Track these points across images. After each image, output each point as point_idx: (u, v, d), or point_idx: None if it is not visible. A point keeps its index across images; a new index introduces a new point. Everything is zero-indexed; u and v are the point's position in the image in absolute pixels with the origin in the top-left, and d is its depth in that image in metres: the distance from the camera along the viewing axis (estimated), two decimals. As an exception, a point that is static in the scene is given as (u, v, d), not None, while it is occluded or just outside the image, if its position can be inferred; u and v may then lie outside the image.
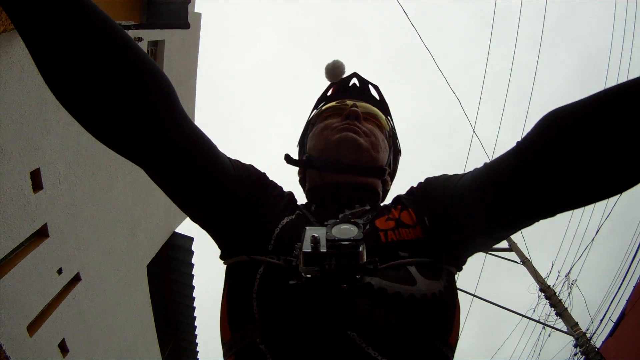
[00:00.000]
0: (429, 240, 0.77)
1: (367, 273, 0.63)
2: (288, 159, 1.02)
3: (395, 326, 0.65)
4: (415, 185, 0.91)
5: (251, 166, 0.92)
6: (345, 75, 1.10)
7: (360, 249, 0.62)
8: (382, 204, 0.95)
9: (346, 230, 0.65)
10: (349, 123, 0.95)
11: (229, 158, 0.86)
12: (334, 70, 1.09)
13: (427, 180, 0.89)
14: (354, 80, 1.11)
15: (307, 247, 0.63)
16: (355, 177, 0.93)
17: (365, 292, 0.66)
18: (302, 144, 1.12)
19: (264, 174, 0.93)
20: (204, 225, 0.87)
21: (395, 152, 1.11)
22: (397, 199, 0.89)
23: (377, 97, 1.11)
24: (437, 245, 0.76)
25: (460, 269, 0.82)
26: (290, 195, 0.93)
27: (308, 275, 0.64)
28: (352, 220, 0.67)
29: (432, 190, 0.84)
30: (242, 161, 0.91)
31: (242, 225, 0.81)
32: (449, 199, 0.78)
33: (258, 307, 0.69)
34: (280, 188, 0.94)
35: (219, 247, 0.87)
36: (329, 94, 1.12)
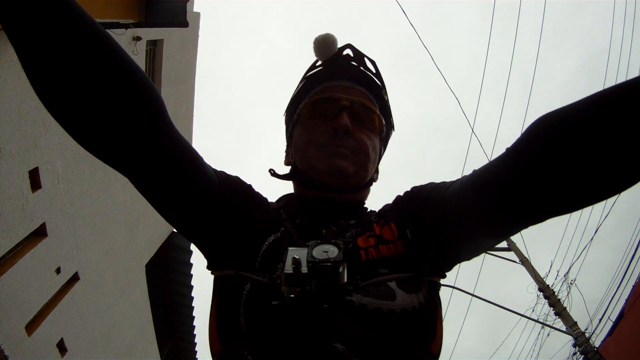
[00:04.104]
0: (410, 254, 0.78)
1: (347, 293, 0.65)
2: (273, 173, 0.98)
3: (377, 340, 0.66)
4: (401, 195, 0.90)
5: (237, 178, 0.91)
6: (338, 47, 0.97)
7: (341, 269, 0.64)
8: (368, 210, 0.94)
9: (327, 251, 0.66)
10: (335, 144, 0.88)
11: (214, 170, 0.86)
12: (324, 45, 0.96)
13: (414, 188, 0.89)
14: (348, 51, 0.99)
15: (288, 269, 0.65)
16: (340, 195, 0.91)
17: (347, 310, 0.67)
18: (288, 122, 1.04)
19: (250, 186, 0.93)
20: (189, 237, 0.87)
21: (388, 129, 1.04)
22: (381, 212, 0.89)
23: (373, 70, 1.00)
24: (419, 257, 0.78)
25: (444, 276, 0.83)
26: (276, 209, 0.92)
27: (291, 295, 0.65)
28: (333, 240, 0.69)
29: (420, 198, 0.84)
30: (228, 172, 0.90)
31: (228, 238, 0.82)
32: (439, 206, 0.78)
33: (245, 321, 0.70)
34: (266, 200, 0.93)
35: (206, 258, 0.88)
36: (319, 63, 1.00)
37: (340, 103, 0.91)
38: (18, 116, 4.48)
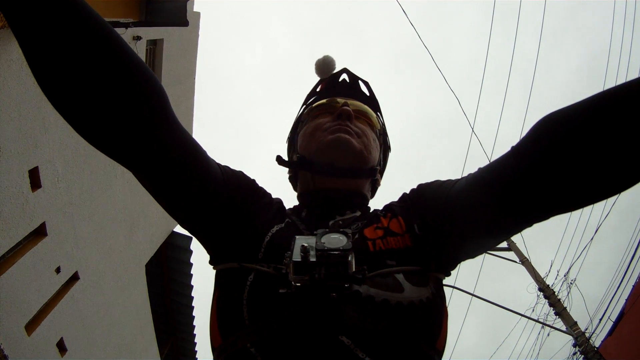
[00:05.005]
0: (418, 248, 0.78)
1: (356, 282, 0.64)
2: (280, 160, 1.02)
3: (383, 332, 0.66)
4: (407, 192, 0.91)
5: (241, 172, 0.92)
6: (335, 70, 1.09)
7: (349, 258, 0.63)
8: (372, 210, 0.95)
9: (335, 240, 0.66)
10: (340, 124, 0.94)
11: (218, 164, 0.86)
12: (324, 65, 1.07)
13: (420, 186, 0.89)
14: (344, 76, 1.09)
15: (296, 257, 0.64)
16: (347, 182, 0.93)
17: (354, 300, 0.67)
18: (291, 141, 1.10)
19: (254, 180, 0.94)
20: (192, 231, 0.88)
21: (385, 148, 1.10)
22: (388, 207, 0.89)
23: (367, 93, 1.10)
24: (426, 252, 0.77)
25: (448, 275, 0.83)
26: (280, 202, 0.93)
27: (298, 284, 0.65)
28: (342, 229, 0.69)
29: (425, 196, 0.85)
30: (232, 167, 0.91)
31: (231, 232, 0.82)
32: (443, 204, 0.79)
33: (248, 313, 0.69)
34: (269, 195, 0.94)
35: (208, 253, 0.87)
36: (318, 89, 1.10)
37: (340, 103, 0.99)
38: (18, 116, 4.48)
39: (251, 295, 0.71)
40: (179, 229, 8.93)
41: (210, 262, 0.86)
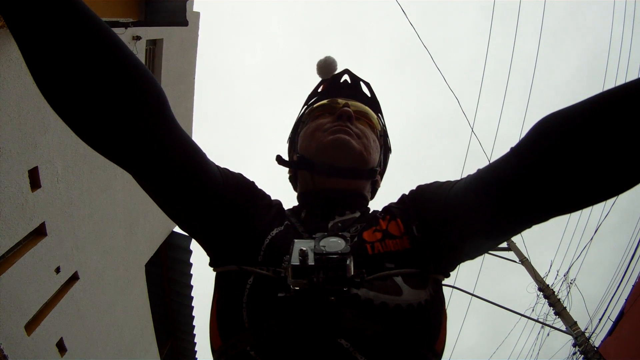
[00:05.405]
0: (416, 250, 0.78)
1: (354, 286, 0.65)
2: (280, 160, 1.02)
3: (382, 335, 0.66)
4: (406, 193, 0.91)
5: (240, 175, 0.92)
6: (337, 71, 1.09)
7: (348, 262, 0.64)
8: (371, 211, 0.95)
9: (334, 244, 0.66)
10: (340, 124, 0.95)
11: (217, 166, 0.86)
12: (326, 66, 1.08)
13: (419, 187, 0.89)
14: (346, 77, 1.10)
15: (295, 261, 0.64)
16: (346, 182, 0.94)
17: (353, 303, 0.67)
18: (292, 141, 1.10)
19: (253, 182, 0.94)
20: (192, 233, 0.88)
21: (386, 150, 1.11)
22: (387, 209, 0.90)
23: (369, 94, 1.10)
24: (425, 254, 0.77)
25: (448, 276, 0.83)
26: (279, 204, 0.94)
27: (296, 288, 0.65)
28: (340, 233, 0.69)
29: (424, 197, 0.85)
30: (231, 169, 0.91)
31: (230, 234, 0.82)
32: (443, 205, 0.79)
33: (248, 316, 0.69)
34: (269, 197, 0.94)
35: (208, 255, 0.87)
36: (319, 90, 1.11)
37: (341, 104, 1.00)
38: (18, 116, 4.48)
39: (251, 298, 0.71)
40: (178, 229, 8.89)
41: (210, 264, 0.86)
